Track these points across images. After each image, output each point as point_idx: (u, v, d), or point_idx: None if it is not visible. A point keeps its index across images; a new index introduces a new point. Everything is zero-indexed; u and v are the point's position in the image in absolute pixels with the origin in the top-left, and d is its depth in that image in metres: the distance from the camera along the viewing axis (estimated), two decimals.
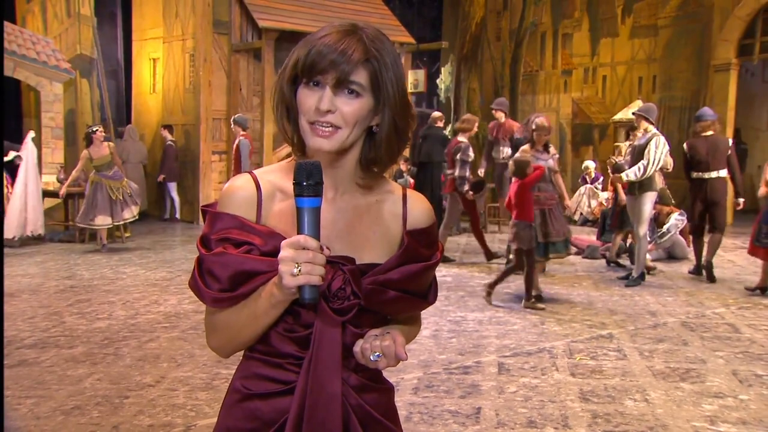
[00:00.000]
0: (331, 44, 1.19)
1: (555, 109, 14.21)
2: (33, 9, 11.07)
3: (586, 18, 13.72)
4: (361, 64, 1.19)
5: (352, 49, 1.19)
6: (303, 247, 1.11)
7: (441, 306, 5.93)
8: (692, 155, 7.19)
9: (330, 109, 1.19)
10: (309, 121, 1.21)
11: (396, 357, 1.22)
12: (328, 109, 1.19)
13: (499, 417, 3.57)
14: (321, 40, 1.20)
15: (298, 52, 1.23)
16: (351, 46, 1.19)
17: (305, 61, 1.20)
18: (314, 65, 1.19)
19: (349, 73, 1.19)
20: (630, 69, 13.01)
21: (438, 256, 1.32)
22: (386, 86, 1.22)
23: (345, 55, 1.18)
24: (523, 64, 14.89)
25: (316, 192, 1.13)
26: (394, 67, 1.23)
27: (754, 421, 3.55)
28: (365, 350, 1.23)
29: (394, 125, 1.25)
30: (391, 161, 1.29)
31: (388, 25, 12.14)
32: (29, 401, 3.75)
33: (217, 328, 1.28)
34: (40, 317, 5.54)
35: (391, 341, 1.22)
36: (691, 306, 6.13)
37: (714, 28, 11.55)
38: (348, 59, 1.18)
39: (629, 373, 4.28)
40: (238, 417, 1.29)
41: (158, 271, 7.51)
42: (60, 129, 10.42)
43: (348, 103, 1.20)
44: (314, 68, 1.19)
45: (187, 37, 11.58)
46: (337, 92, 1.19)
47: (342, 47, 1.18)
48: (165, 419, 3.52)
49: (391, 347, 1.21)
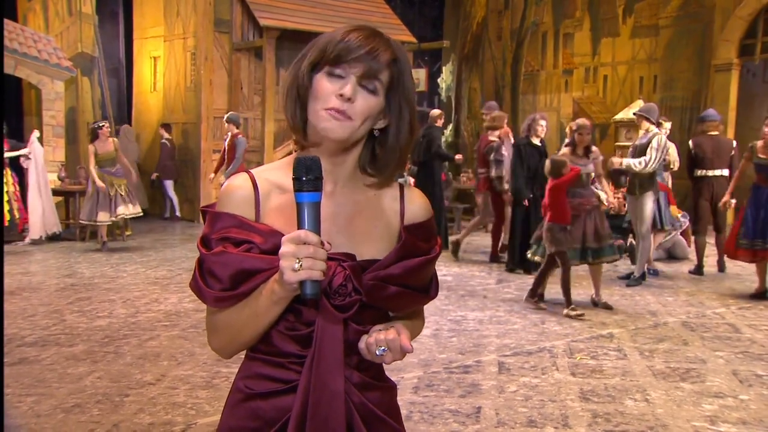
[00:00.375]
0: (362, 39, 1.22)
1: (556, 109, 14.21)
2: (34, 7, 11.07)
3: (587, 18, 13.71)
4: (386, 66, 1.23)
5: (381, 49, 1.23)
6: (304, 242, 1.11)
7: (441, 305, 5.93)
8: (697, 153, 7.23)
9: (351, 97, 1.21)
10: (326, 107, 1.22)
11: (402, 350, 1.21)
12: (350, 96, 1.21)
13: (499, 416, 3.57)
14: (350, 35, 1.23)
15: (325, 41, 1.25)
16: (380, 47, 1.23)
17: (334, 49, 1.22)
18: (344, 55, 1.21)
19: (378, 70, 1.22)
20: (631, 69, 13.00)
21: (437, 250, 1.33)
22: (406, 90, 1.27)
23: (374, 53, 1.22)
24: (524, 64, 14.88)
25: (315, 187, 1.14)
26: (410, 74, 1.29)
27: (755, 421, 3.55)
28: (370, 345, 1.23)
29: (411, 127, 1.29)
30: (402, 164, 1.33)
31: (390, 24, 12.13)
32: (30, 399, 3.75)
33: (218, 328, 1.28)
34: (41, 315, 5.54)
35: (395, 334, 1.22)
36: (692, 306, 6.13)
37: (715, 28, 11.54)
38: (377, 57, 1.22)
39: (629, 373, 4.28)
40: (241, 417, 1.29)
41: (159, 270, 7.51)
42: (61, 127, 10.42)
43: (366, 98, 1.23)
44: (343, 57, 1.21)
45: (188, 36, 11.57)
46: (359, 86, 1.22)
47: (372, 45, 1.22)
48: (165, 417, 3.52)
49: (396, 340, 1.21)
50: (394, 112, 1.27)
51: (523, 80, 14.91)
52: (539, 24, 14.55)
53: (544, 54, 14.53)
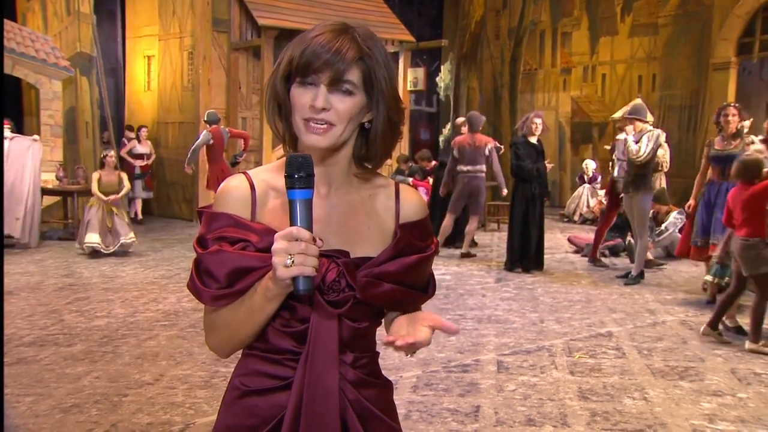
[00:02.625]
0: (325, 43, 1.20)
1: (554, 108, 14.22)
2: (33, 7, 11.06)
3: (586, 16, 13.72)
4: (354, 63, 1.21)
5: (345, 48, 1.20)
6: (295, 238, 1.12)
7: (440, 304, 5.93)
8: None
9: (325, 106, 1.21)
10: (303, 118, 1.22)
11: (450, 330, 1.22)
12: (323, 107, 1.20)
13: (498, 415, 3.57)
14: (315, 39, 1.21)
15: (292, 51, 1.24)
16: (345, 45, 1.21)
17: (300, 60, 1.21)
18: (309, 64, 1.20)
19: (344, 72, 1.20)
20: (629, 67, 13.01)
21: (433, 248, 1.33)
22: (380, 83, 1.24)
23: (339, 54, 1.20)
24: (523, 63, 14.89)
25: (307, 184, 1.14)
26: (386, 64, 1.26)
27: (753, 420, 3.56)
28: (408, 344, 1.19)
29: (388, 121, 1.28)
30: (386, 156, 1.32)
31: (388, 23, 12.13)
32: (28, 399, 3.74)
33: (215, 326, 1.28)
34: (39, 315, 5.53)
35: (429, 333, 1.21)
36: (690, 304, 6.13)
37: (713, 26, 11.55)
38: (342, 58, 1.20)
39: (628, 372, 4.28)
40: (237, 414, 1.29)
41: (157, 270, 7.50)
42: (59, 127, 10.41)
43: (342, 101, 1.22)
44: (309, 67, 1.20)
45: (185, 35, 11.55)
46: (331, 90, 1.21)
47: (336, 46, 1.20)
48: (164, 417, 3.52)
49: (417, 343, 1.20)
50: (374, 106, 1.26)
51: (521, 79, 14.91)
52: (537, 23, 14.56)
53: (542, 53, 14.54)
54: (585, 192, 12.04)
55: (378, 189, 1.35)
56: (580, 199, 12.10)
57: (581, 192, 12.13)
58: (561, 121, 14.17)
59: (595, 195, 11.75)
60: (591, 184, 12.01)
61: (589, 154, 13.31)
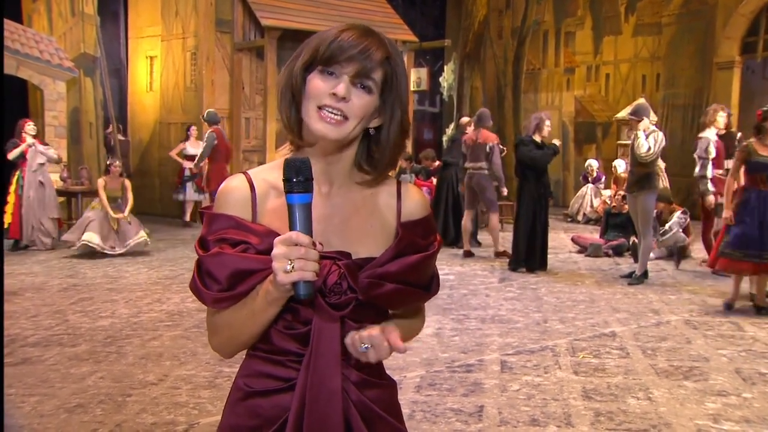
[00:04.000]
0: (354, 39, 1.22)
1: (557, 107, 14.20)
2: (39, 8, 11.09)
3: (589, 16, 13.71)
4: (380, 64, 1.23)
5: (374, 47, 1.23)
6: (295, 243, 1.12)
7: (443, 304, 5.93)
8: None
9: (345, 96, 1.21)
10: (318, 105, 1.22)
11: (392, 348, 1.21)
12: (343, 96, 1.21)
13: (501, 415, 3.56)
14: (342, 34, 1.23)
15: (317, 41, 1.25)
16: (373, 45, 1.23)
17: (327, 50, 1.22)
18: (336, 55, 1.21)
19: (371, 69, 1.22)
20: (633, 67, 13.00)
21: (436, 246, 1.32)
22: (399, 88, 1.27)
23: (367, 52, 1.22)
24: (526, 62, 14.88)
25: (305, 188, 1.14)
26: (404, 73, 1.29)
27: (758, 420, 3.55)
28: (354, 341, 1.23)
29: (402, 126, 1.29)
30: (391, 165, 1.33)
31: (392, 23, 12.13)
32: (33, 399, 3.75)
33: (218, 328, 1.29)
34: (44, 315, 5.55)
35: (379, 331, 1.22)
36: (694, 304, 6.12)
37: (717, 25, 11.53)
38: (370, 56, 1.22)
39: (632, 372, 4.28)
40: (241, 415, 1.29)
41: (161, 270, 7.52)
42: (63, 127, 10.44)
43: (361, 96, 1.23)
44: (335, 58, 1.22)
45: (188, 36, 11.56)
46: (353, 84, 1.22)
47: (365, 44, 1.22)
48: (168, 417, 3.52)
49: (378, 337, 1.21)
50: (387, 111, 1.27)
51: (524, 79, 14.90)
52: (540, 23, 14.54)
53: (545, 52, 14.53)
54: (589, 192, 12.02)
55: (380, 187, 1.35)
56: (583, 199, 12.09)
57: (585, 192, 12.11)
58: (564, 120, 14.15)
59: (599, 195, 11.74)
60: (595, 184, 11.99)
61: (593, 154, 13.29)
